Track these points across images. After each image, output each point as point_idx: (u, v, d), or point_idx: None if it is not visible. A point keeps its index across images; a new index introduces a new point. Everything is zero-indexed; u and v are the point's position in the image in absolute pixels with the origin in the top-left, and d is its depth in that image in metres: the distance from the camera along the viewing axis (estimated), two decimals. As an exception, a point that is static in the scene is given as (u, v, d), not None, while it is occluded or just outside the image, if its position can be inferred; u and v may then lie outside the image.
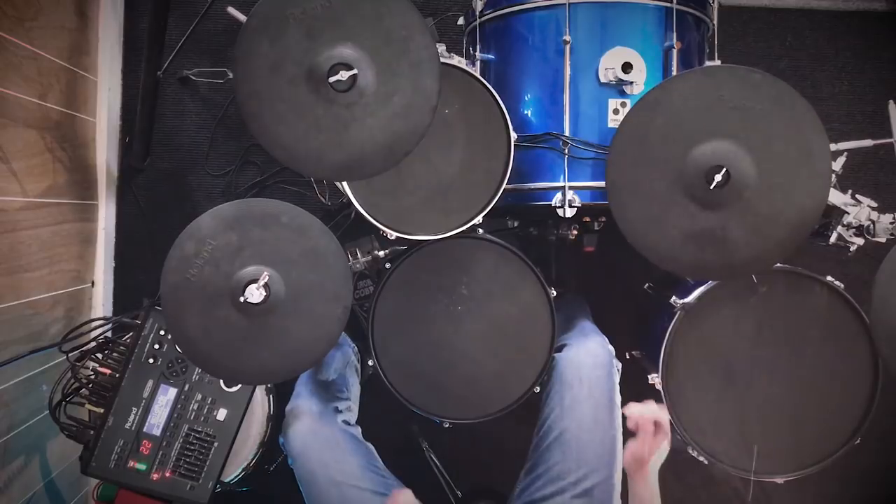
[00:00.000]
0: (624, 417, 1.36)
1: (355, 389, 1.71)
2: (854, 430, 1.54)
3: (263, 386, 1.64)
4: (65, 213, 1.83)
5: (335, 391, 1.62)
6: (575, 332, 1.61)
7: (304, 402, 1.52)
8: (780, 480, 1.56)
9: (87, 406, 1.47)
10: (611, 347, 1.56)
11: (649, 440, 1.26)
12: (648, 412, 1.28)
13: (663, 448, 1.28)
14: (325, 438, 1.47)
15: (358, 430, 1.58)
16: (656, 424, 1.27)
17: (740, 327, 1.53)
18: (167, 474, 1.46)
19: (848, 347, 1.53)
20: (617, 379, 1.52)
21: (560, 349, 1.53)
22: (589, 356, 1.51)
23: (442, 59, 1.28)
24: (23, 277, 1.63)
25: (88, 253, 1.98)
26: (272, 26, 1.16)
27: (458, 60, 1.50)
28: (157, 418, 1.47)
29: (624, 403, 1.49)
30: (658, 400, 1.54)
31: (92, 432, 1.45)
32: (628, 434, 1.31)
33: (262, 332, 1.25)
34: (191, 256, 1.23)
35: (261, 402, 1.64)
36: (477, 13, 1.61)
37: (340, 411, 1.55)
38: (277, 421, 1.61)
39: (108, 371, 1.47)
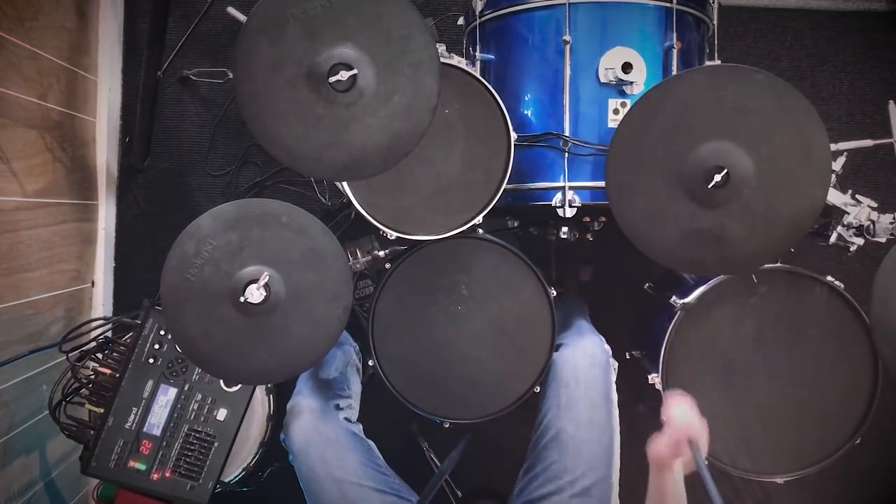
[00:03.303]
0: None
1: (356, 388, 1.71)
2: (854, 430, 1.54)
3: (263, 386, 1.64)
4: (65, 213, 1.83)
5: (336, 389, 1.61)
6: (571, 332, 1.61)
7: (305, 400, 1.51)
8: (780, 480, 1.56)
9: (87, 406, 1.47)
10: (607, 346, 1.55)
11: (675, 447, 1.19)
12: (685, 422, 1.20)
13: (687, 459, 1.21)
14: (326, 435, 1.47)
15: (359, 428, 1.58)
16: (690, 443, 1.19)
17: (740, 327, 1.53)
18: (167, 474, 1.46)
19: (848, 347, 1.52)
20: (613, 378, 1.51)
21: (556, 348, 1.53)
22: (585, 355, 1.50)
23: (442, 59, 1.27)
24: (23, 277, 1.63)
25: (88, 253, 1.98)
26: (272, 26, 1.16)
27: (458, 60, 1.50)
28: (157, 418, 1.47)
29: (620, 402, 1.49)
30: (658, 400, 1.54)
31: (92, 432, 1.45)
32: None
33: (262, 332, 1.25)
34: (191, 256, 1.23)
35: (261, 401, 1.64)
36: (477, 13, 1.61)
37: (342, 408, 1.55)
38: (277, 421, 1.60)
39: (108, 371, 1.47)
